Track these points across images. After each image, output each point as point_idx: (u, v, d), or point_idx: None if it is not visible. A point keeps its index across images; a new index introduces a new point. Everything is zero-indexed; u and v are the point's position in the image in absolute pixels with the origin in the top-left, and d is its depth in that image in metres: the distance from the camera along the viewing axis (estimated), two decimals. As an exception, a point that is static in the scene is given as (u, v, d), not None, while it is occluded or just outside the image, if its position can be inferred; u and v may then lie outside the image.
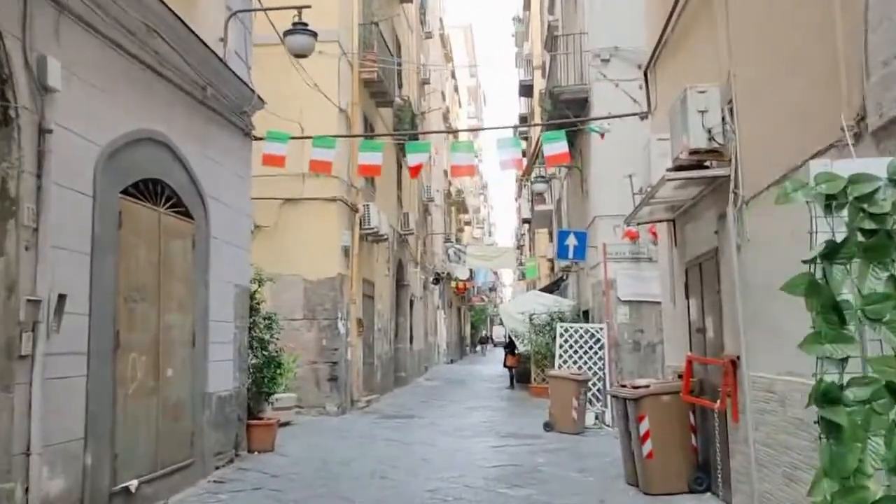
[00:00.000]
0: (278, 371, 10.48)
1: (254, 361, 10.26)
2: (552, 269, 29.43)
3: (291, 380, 13.74)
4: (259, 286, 10.49)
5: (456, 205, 45.66)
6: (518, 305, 21.04)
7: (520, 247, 59.51)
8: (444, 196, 39.53)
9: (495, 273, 72.34)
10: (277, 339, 10.71)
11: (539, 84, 31.29)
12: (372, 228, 16.54)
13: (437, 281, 32.42)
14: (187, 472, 7.92)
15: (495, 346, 53.24)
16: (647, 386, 7.68)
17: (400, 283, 22.90)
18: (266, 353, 10.34)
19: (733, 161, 6.28)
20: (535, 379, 19.57)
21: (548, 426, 13.18)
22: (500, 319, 26.52)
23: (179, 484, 7.68)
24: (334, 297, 14.78)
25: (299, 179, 14.81)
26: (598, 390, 14.38)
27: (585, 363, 14.56)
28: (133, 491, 6.72)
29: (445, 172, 40.27)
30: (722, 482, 6.79)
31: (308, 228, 14.79)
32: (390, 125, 20.69)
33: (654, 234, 12.85)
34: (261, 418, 10.35)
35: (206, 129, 8.76)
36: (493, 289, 65.26)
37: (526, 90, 39.92)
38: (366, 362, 17.32)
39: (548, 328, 19.24)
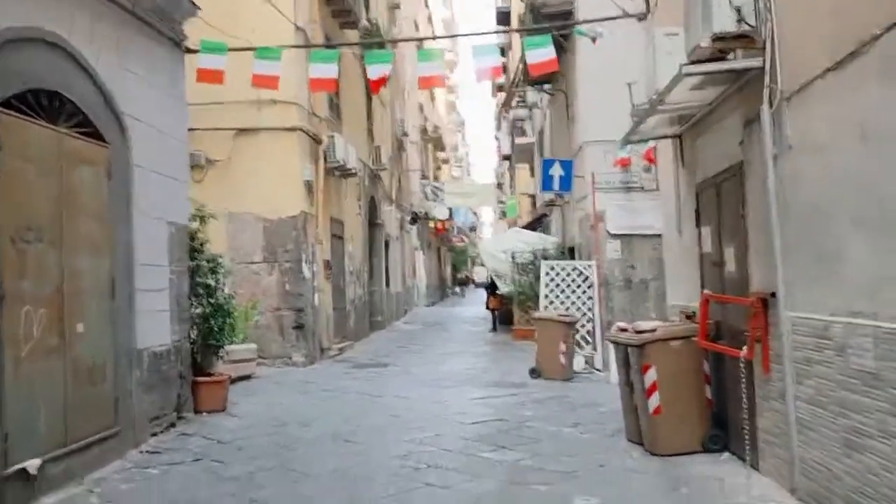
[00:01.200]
0: (228, 321, 9.18)
1: (199, 311, 8.96)
2: (534, 205, 28.17)
3: (251, 329, 12.54)
4: (202, 224, 9.12)
5: (433, 141, 44.03)
6: (499, 244, 19.81)
7: (500, 185, 58.12)
8: (420, 132, 37.92)
9: (475, 213, 71.13)
10: (225, 284, 9.37)
11: (518, 8, 29.56)
12: (338, 162, 15.12)
13: (414, 220, 31.09)
14: (112, 442, 6.68)
15: (476, 287, 52.33)
16: (653, 330, 6.48)
17: (373, 223, 21.55)
18: (213, 300, 9.03)
19: (768, 47, 4.96)
20: (518, 321, 18.48)
21: (534, 373, 12.08)
22: (481, 260, 25.23)
23: (101, 458, 6.45)
24: (297, 238, 13.44)
25: (254, 108, 13.34)
26: (588, 332, 13.28)
27: (573, 303, 13.41)
28: (33, 472, 5.48)
29: (420, 107, 38.61)
30: (745, 442, 5.65)
31: (266, 162, 13.36)
32: (356, 49, 19.06)
33: (651, 159, 11.58)
34: (210, 374, 9.11)
35: (124, 35, 7.27)
36: (473, 229, 64.07)
37: (503, 17, 38.06)
38: (336, 307, 16.09)
39: (531, 267, 18.04)
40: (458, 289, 57.79)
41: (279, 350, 13.29)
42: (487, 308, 21.43)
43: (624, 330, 6.96)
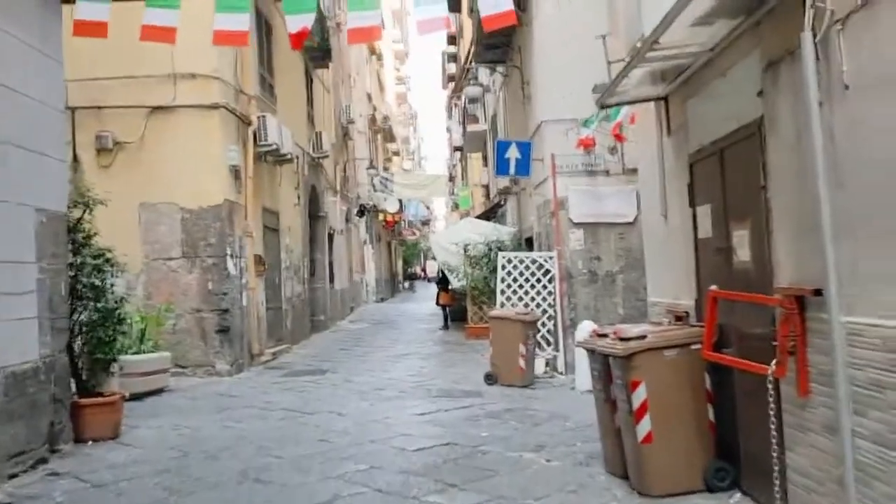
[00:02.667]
0: (118, 329, 7.57)
1: (83, 318, 7.34)
2: (488, 196, 26.84)
3: (164, 335, 10.94)
4: (86, 212, 7.49)
5: (382, 132, 42.44)
6: (450, 235, 18.41)
7: (452, 178, 56.72)
8: (368, 121, 36.32)
9: (427, 206, 69.65)
10: (114, 284, 7.74)
11: (468, -7, 28.18)
12: (270, 145, 13.51)
13: (361, 213, 29.52)
14: (-58, 495, 5.09)
15: (429, 281, 50.83)
16: (642, 336, 5.10)
17: (315, 215, 19.95)
18: (102, 304, 7.41)
19: (811, -46, 3.61)
20: (471, 318, 17.10)
21: (490, 378, 10.73)
22: (433, 253, 23.65)
23: (-80, 519, 4.87)
24: (221, 230, 11.82)
25: (169, 82, 11.70)
26: (549, 331, 11.94)
27: (532, 300, 12.06)
28: None
29: (368, 96, 37.00)
30: (769, 481, 4.32)
31: (184, 144, 11.72)
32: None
33: (619, 136, 10.27)
34: (100, 394, 7.51)
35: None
36: (426, 223, 62.60)
37: (454, 4, 36.66)
38: (271, 307, 14.50)
39: (485, 260, 16.68)
40: (408, 284, 56.26)
41: (200, 358, 11.67)
42: (438, 304, 20.00)
43: (603, 335, 5.59)
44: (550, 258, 11.88)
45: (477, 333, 16.51)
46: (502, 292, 12.05)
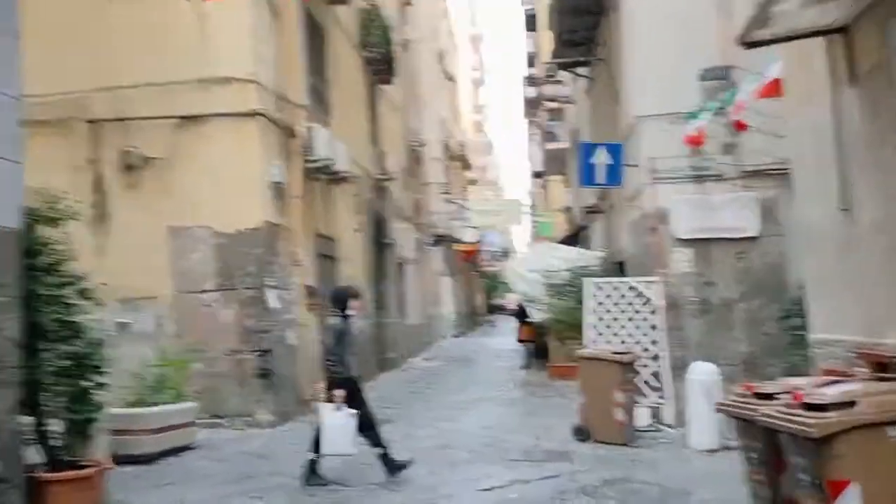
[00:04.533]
0: (93, 378, 5.84)
1: (52, 367, 5.66)
2: (570, 220, 24.78)
3: (192, 381, 9.32)
4: (56, 227, 5.85)
5: (458, 159, 40.80)
6: (528, 262, 16.40)
7: (533, 206, 54.59)
8: (443, 148, 34.76)
9: (508, 237, 67.64)
10: (95, 321, 6.05)
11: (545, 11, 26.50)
12: (322, 161, 11.88)
13: (436, 242, 27.76)
14: None
15: (508, 314, 48.23)
16: (850, 404, 3.00)
17: (381, 242, 18.28)
18: (77, 347, 5.73)
19: None
20: (555, 356, 14.98)
21: (580, 433, 8.66)
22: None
23: None
24: (261, 257, 10.19)
25: (201, 88, 10.21)
26: (653, 374, 9.75)
27: (630, 335, 9.90)
28: None
29: (443, 121, 35.51)
30: None
31: (218, 158, 10.20)
32: (352, 35, 15.99)
33: (740, 124, 8.12)
34: (80, 466, 5.80)
35: None
36: (506, 253, 60.55)
37: (532, 22, 35.02)
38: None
39: (570, 289, 14.59)
40: (490, 317, 53.99)
41: (239, 406, 9.99)
42: (519, 340, 17.89)
43: (764, 395, 3.50)
44: (651, 284, 9.74)
45: (562, 373, 14.37)
46: (593, 327, 9.94)
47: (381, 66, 17.62)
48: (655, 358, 9.66)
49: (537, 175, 48.36)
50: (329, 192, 13.40)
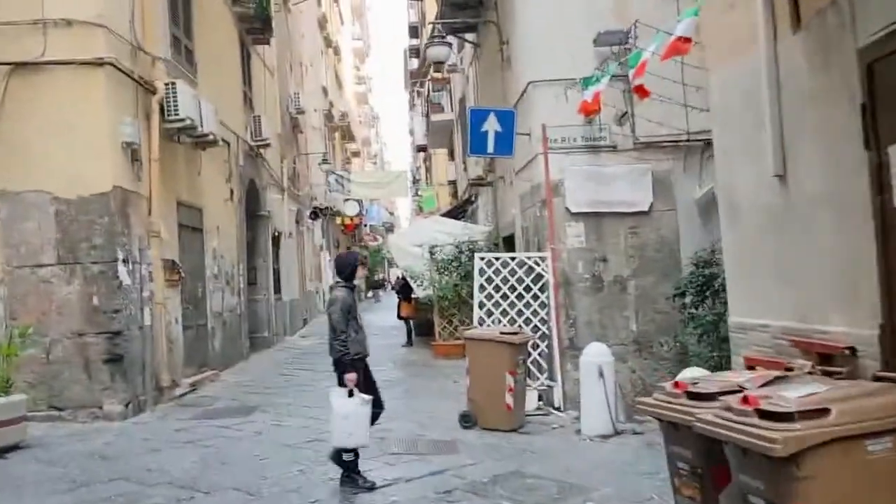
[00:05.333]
0: None
1: None
2: (455, 195, 24.20)
3: (25, 367, 8.08)
4: None
5: (340, 130, 39.47)
6: (411, 236, 15.68)
7: (416, 180, 53.89)
8: (325, 117, 33.41)
9: (390, 212, 66.87)
10: None
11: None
12: (184, 121, 10.63)
13: (315, 215, 26.59)
14: None
15: (392, 290, 47.59)
16: (823, 411, 2.40)
17: (255, 214, 17.09)
18: None
19: None
20: (440, 333, 14.38)
21: (467, 420, 8.08)
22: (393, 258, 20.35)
23: None
24: (110, 227, 8.95)
25: (37, 31, 8.81)
26: (542, 355, 9.26)
27: (520, 314, 9.37)
28: None
29: (324, 90, 34.13)
30: None
31: (57, 113, 8.85)
32: (223, -15, 14.65)
33: (641, 89, 7.62)
34: None
35: None
36: (389, 228, 59.63)
37: (413, 31, 34.35)
38: (190, 326, 11.62)
39: (455, 264, 14.00)
40: (372, 293, 53.22)
41: (83, 396, 8.77)
42: (400, 317, 17.17)
43: (699, 396, 2.89)
44: (542, 260, 9.21)
45: (446, 352, 13.82)
46: (481, 305, 9.33)
47: (255, 25, 16.36)
48: (545, 338, 9.16)
49: (421, 149, 47.63)
50: (194, 156, 12.14)
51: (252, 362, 14.66)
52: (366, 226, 43.35)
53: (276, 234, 19.05)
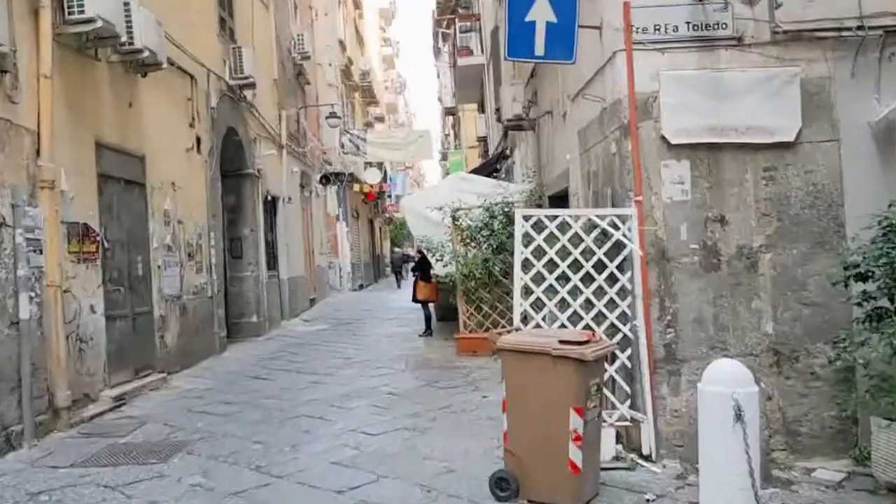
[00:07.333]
0: None
1: None
2: (486, 153, 20.81)
3: None
4: None
5: (360, 90, 36.07)
6: (430, 197, 12.25)
7: (444, 153, 50.42)
8: (342, 74, 30.06)
9: (418, 182, 63.48)
10: None
11: None
12: (92, 21, 7.36)
13: (327, 179, 23.35)
14: None
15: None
16: None
17: (237, 172, 13.87)
18: None
19: None
20: (465, 323, 11.07)
21: (503, 486, 4.84)
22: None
23: None
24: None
25: None
26: (621, 370, 5.87)
27: (586, 307, 5.95)
28: None
29: (341, 43, 30.70)
30: None
31: None
32: None
33: None
34: None
35: None
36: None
37: None
38: (120, 315, 8.46)
39: (485, 233, 10.66)
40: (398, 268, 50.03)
41: None
42: (415, 300, 13.86)
43: None
44: (623, 221, 5.81)
45: (473, 347, 10.57)
46: (526, 291, 5.92)
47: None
48: (625, 344, 5.79)
49: (449, 112, 44.12)
50: (131, 83, 8.90)
51: (225, 358, 11.50)
52: (389, 195, 40.00)
53: (270, 198, 15.83)
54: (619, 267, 5.82)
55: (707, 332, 5.69)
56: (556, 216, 5.93)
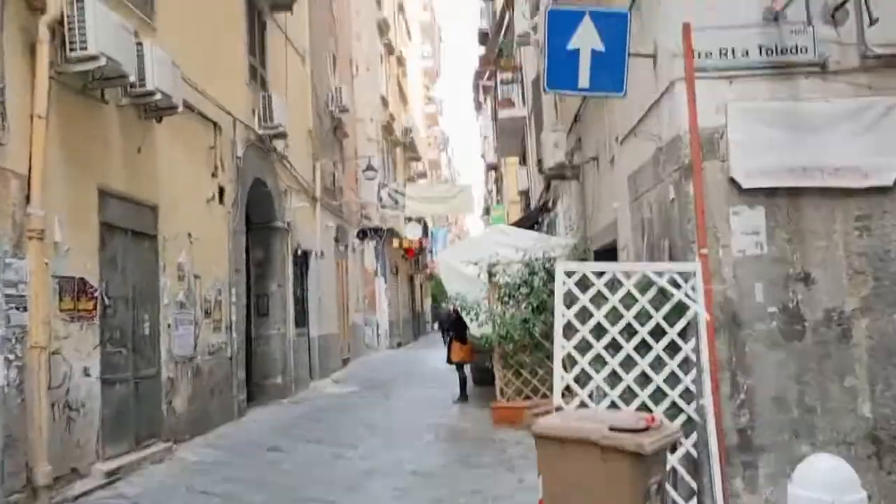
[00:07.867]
0: None
1: None
2: (527, 205, 20.01)
3: None
4: None
5: (402, 146, 35.75)
6: (466, 251, 11.38)
7: (488, 207, 49.84)
8: (383, 129, 29.73)
9: (458, 236, 62.81)
10: None
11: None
12: (95, 59, 6.79)
13: (364, 234, 22.74)
14: None
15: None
16: None
17: (265, 224, 13.24)
18: None
19: None
20: (502, 390, 10.07)
21: None
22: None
23: None
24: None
25: None
26: (684, 459, 4.85)
27: (642, 382, 4.98)
28: None
29: (383, 99, 30.47)
30: None
31: None
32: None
33: None
34: None
35: None
36: (458, 256, 55.52)
37: (484, 38, 30.70)
38: (120, 379, 7.70)
39: (524, 291, 9.76)
40: (437, 325, 48.98)
41: None
42: (450, 361, 12.90)
43: None
44: (685, 279, 4.86)
45: (511, 418, 9.55)
46: (569, 360, 4.98)
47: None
48: (689, 427, 4.79)
49: (492, 168, 43.65)
50: (143, 129, 8.33)
51: (243, 424, 10.66)
52: (431, 251, 39.30)
53: (301, 252, 15.16)
54: (682, 334, 4.85)
55: (789, 415, 4.68)
56: (604, 272, 5.01)
